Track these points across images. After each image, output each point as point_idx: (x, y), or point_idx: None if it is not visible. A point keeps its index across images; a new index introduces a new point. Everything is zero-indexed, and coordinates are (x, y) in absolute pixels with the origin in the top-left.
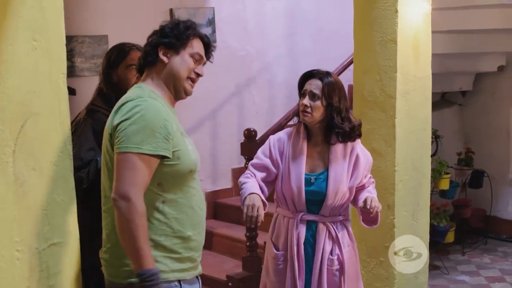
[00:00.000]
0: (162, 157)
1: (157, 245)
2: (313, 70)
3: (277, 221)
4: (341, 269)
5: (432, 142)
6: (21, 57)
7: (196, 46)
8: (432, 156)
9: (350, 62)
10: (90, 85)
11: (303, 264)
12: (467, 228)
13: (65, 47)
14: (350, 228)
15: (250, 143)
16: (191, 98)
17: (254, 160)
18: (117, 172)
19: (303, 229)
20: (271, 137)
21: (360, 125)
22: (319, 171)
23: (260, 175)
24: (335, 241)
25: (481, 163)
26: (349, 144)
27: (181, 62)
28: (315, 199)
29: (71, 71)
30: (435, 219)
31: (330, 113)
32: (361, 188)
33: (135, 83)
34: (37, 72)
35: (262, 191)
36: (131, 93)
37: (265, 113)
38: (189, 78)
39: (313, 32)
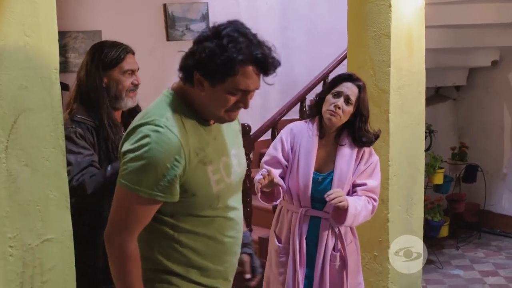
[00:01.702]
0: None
1: (172, 272)
2: (351, 74)
3: (281, 214)
4: (344, 265)
5: (426, 136)
6: (13, 52)
7: (242, 80)
8: (426, 150)
9: (344, 57)
10: None
11: (304, 258)
12: (461, 222)
13: (57, 42)
14: None
15: (244, 139)
16: None
17: (266, 158)
18: (113, 206)
19: (306, 224)
20: (282, 131)
21: (380, 133)
22: (327, 171)
23: (276, 171)
24: (338, 237)
25: (475, 158)
26: (357, 146)
27: (215, 97)
28: (320, 197)
29: (65, 67)
30: (429, 214)
31: (355, 119)
32: (355, 191)
33: (129, 87)
34: (29, 68)
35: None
36: (153, 108)
37: (259, 109)
38: (227, 111)
39: (307, 27)
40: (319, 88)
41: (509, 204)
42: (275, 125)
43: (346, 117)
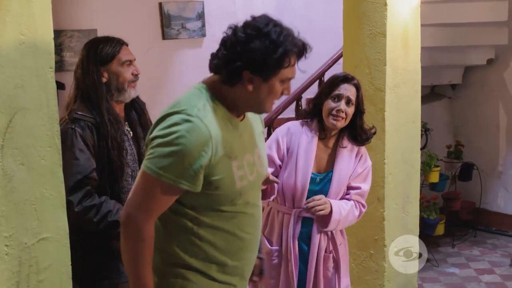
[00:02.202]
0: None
1: (189, 266)
2: (346, 74)
3: (270, 216)
4: (336, 266)
5: (422, 135)
6: (8, 51)
7: (290, 70)
8: (421, 149)
9: (340, 56)
10: None
11: (297, 259)
12: (456, 220)
13: (53, 41)
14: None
15: None
16: (182, 91)
17: None
18: (133, 189)
19: (298, 225)
20: (278, 130)
21: (373, 129)
22: (325, 171)
23: (269, 170)
24: (330, 238)
25: (471, 156)
26: (356, 147)
27: (269, 91)
28: None
29: (60, 66)
30: (425, 212)
31: (355, 118)
32: (348, 193)
33: (131, 78)
34: (25, 67)
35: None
36: (185, 98)
37: None
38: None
39: (303, 26)
40: (315, 87)
41: (505, 202)
42: (271, 123)
43: (349, 118)
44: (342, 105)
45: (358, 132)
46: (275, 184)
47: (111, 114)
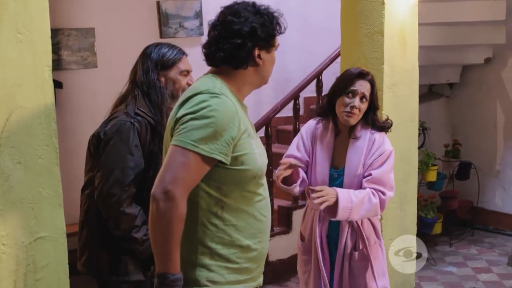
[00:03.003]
0: (219, 161)
1: (213, 254)
2: (361, 70)
3: (306, 212)
4: (366, 265)
5: (420, 134)
6: (5, 50)
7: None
8: (419, 148)
9: (338, 55)
10: (77, 78)
11: (327, 256)
12: (454, 219)
13: (50, 39)
14: (377, 225)
15: None
16: None
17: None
18: (166, 165)
19: (326, 222)
20: (302, 128)
21: (388, 120)
22: (342, 166)
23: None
24: (359, 236)
25: (468, 155)
26: (368, 135)
27: (271, 61)
28: None
29: (58, 64)
30: (422, 211)
31: (368, 112)
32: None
33: (185, 87)
34: (22, 65)
35: (303, 180)
36: (200, 84)
37: (252, 106)
38: None
39: (300, 24)
40: (312, 86)
41: (502, 201)
42: (268, 122)
43: (362, 113)
44: (357, 101)
45: (377, 127)
46: (299, 170)
47: (168, 117)
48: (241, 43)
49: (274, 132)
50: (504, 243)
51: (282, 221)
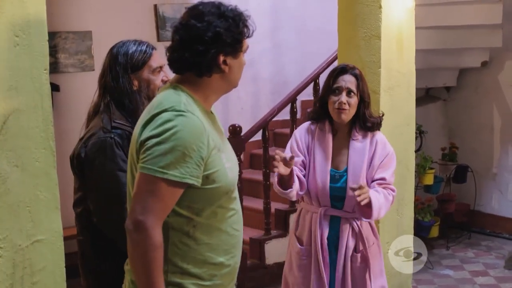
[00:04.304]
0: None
1: (185, 273)
2: (344, 65)
3: (300, 216)
4: (366, 266)
5: (417, 137)
6: (2, 53)
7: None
8: (416, 151)
9: (335, 58)
10: (74, 81)
11: (327, 258)
12: (451, 222)
13: (47, 42)
14: (374, 225)
15: (235, 139)
16: None
17: None
18: (135, 194)
19: (326, 224)
20: (295, 131)
21: (383, 115)
22: (343, 167)
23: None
24: (359, 237)
25: (465, 158)
26: (369, 136)
27: (239, 66)
28: (339, 195)
29: (55, 67)
30: (419, 214)
31: (359, 108)
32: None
33: (160, 86)
34: (19, 68)
35: (301, 183)
36: (165, 98)
37: (250, 109)
38: None
39: (298, 27)
40: (309, 89)
41: (499, 204)
42: (266, 125)
43: (354, 108)
44: (343, 97)
45: (365, 120)
46: (294, 174)
47: None
48: (203, 50)
49: (271, 135)
50: (501, 246)
51: (279, 224)
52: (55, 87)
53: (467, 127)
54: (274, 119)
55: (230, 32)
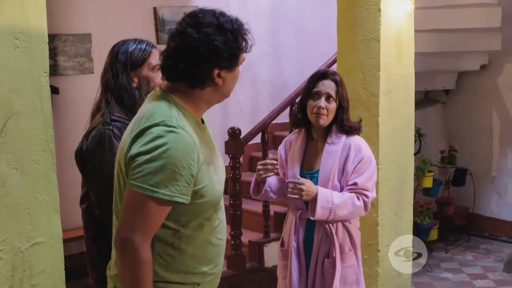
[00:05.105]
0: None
1: (168, 281)
2: (324, 70)
3: (287, 218)
4: (334, 273)
5: (416, 140)
6: (2, 55)
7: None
8: (415, 154)
9: (334, 61)
10: (73, 83)
11: (303, 261)
12: (450, 225)
13: (47, 45)
14: (355, 234)
15: (234, 142)
16: None
17: None
18: (124, 211)
19: (302, 227)
20: (280, 145)
21: (361, 121)
22: (315, 168)
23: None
24: (332, 243)
25: (464, 161)
26: (343, 141)
27: (233, 78)
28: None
29: (55, 70)
30: (418, 217)
31: (338, 113)
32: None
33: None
34: (19, 71)
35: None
36: (156, 111)
37: (249, 112)
38: None
39: (297, 30)
40: None
41: (498, 207)
42: (265, 128)
43: (332, 114)
44: (322, 102)
45: (343, 125)
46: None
47: None
48: (198, 63)
49: (270, 138)
50: (499, 249)
51: (278, 227)
52: (54, 90)
53: (466, 130)
54: (273, 122)
55: (228, 47)
